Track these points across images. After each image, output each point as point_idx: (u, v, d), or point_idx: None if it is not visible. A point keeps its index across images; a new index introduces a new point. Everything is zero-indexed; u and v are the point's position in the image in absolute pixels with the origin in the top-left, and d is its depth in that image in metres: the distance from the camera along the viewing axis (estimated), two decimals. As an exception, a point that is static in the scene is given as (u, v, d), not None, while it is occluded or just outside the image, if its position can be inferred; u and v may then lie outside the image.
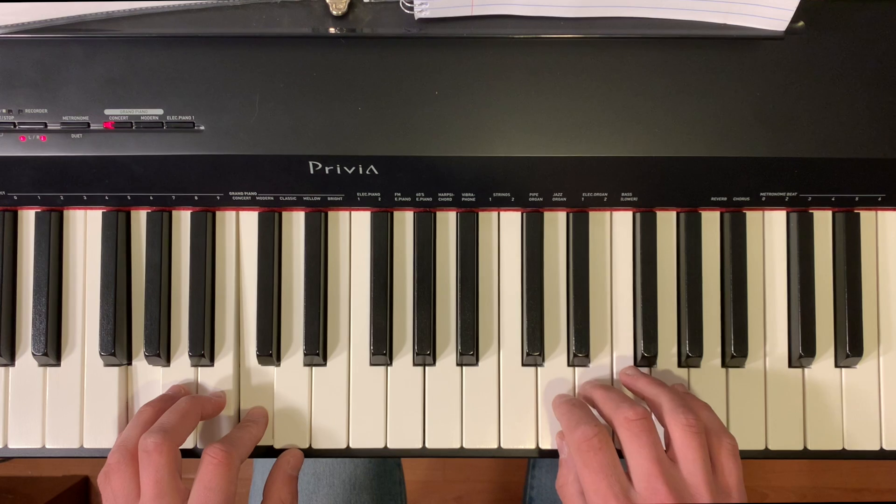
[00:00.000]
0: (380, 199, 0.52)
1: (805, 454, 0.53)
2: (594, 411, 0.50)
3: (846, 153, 0.48)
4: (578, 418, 0.47)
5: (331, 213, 0.54)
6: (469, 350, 0.52)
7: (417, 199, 0.52)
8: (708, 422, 0.48)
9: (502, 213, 0.54)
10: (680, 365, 0.54)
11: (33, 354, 0.53)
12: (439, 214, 0.54)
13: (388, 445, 0.53)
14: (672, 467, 0.44)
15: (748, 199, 0.52)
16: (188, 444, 0.53)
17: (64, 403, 0.53)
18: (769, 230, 0.54)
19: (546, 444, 0.53)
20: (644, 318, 0.53)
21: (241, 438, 0.49)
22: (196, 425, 0.51)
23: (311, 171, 0.49)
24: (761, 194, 0.51)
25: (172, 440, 0.46)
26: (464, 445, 0.53)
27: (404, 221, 0.54)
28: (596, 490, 0.44)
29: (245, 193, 0.51)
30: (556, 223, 0.54)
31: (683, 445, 0.45)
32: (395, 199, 0.52)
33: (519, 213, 0.54)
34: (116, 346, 0.52)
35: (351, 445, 0.53)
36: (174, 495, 0.45)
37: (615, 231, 0.54)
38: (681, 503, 0.42)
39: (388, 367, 0.54)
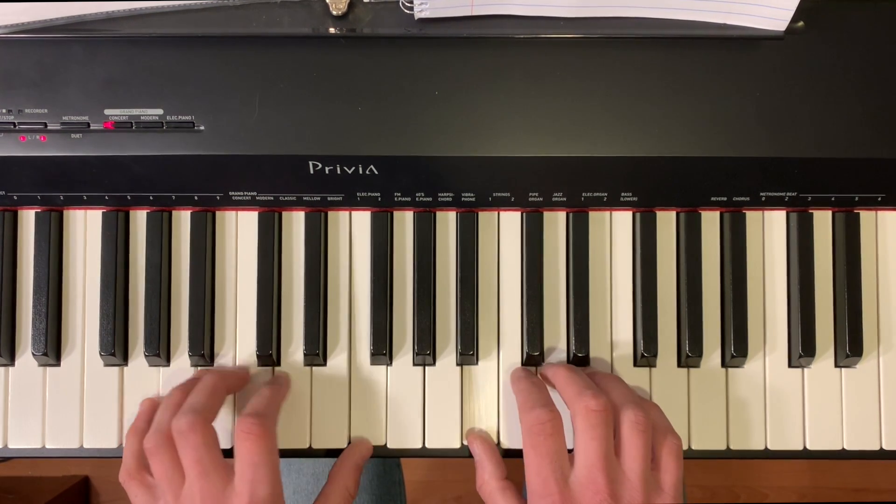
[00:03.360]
0: (380, 199, 0.52)
1: (805, 454, 0.53)
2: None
3: (846, 153, 0.48)
4: (536, 400, 0.48)
5: (331, 213, 0.54)
6: (469, 350, 0.52)
7: (417, 199, 0.52)
8: (655, 420, 0.49)
9: (502, 213, 0.54)
10: (680, 365, 0.54)
11: (33, 354, 0.53)
12: (439, 214, 0.54)
13: (389, 445, 0.53)
14: (615, 462, 0.46)
15: (748, 199, 0.52)
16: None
17: (64, 403, 0.53)
18: (769, 230, 0.54)
19: (546, 444, 0.53)
20: (644, 318, 0.53)
21: (268, 403, 0.48)
22: (224, 400, 0.50)
23: (311, 171, 0.49)
24: (761, 194, 0.51)
25: (205, 417, 0.46)
26: (464, 445, 0.53)
27: (404, 221, 0.54)
28: (538, 472, 0.46)
29: (245, 193, 0.51)
30: (556, 223, 0.54)
31: (628, 441, 0.46)
32: (395, 199, 0.52)
33: (519, 213, 0.54)
34: (116, 346, 0.52)
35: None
36: (218, 471, 0.45)
37: (615, 231, 0.54)
38: (614, 495, 0.44)
39: (388, 367, 0.54)
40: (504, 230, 0.54)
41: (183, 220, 0.54)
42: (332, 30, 0.49)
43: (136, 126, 0.48)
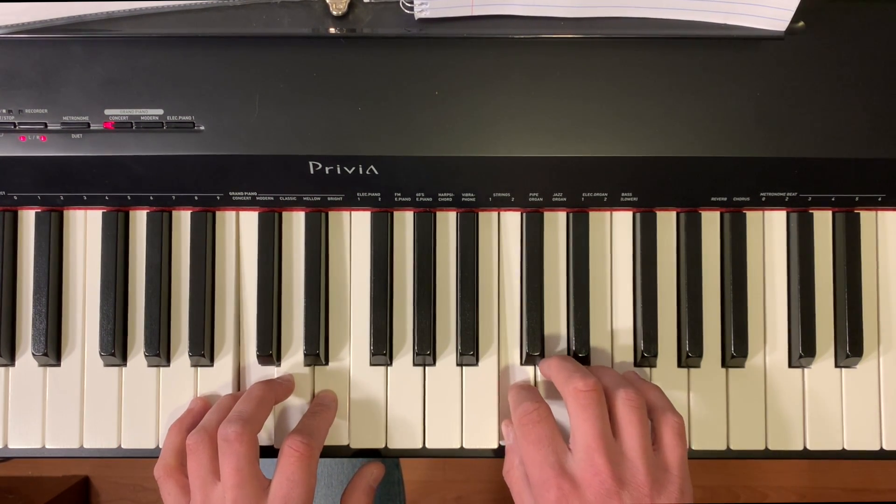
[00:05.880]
0: (380, 199, 0.52)
1: (805, 454, 0.53)
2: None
3: (846, 153, 0.48)
4: (522, 397, 0.49)
5: (331, 213, 0.54)
6: (469, 350, 0.52)
7: (417, 199, 0.52)
8: (655, 400, 0.49)
9: (502, 213, 0.54)
10: (680, 365, 0.54)
11: (33, 354, 0.53)
12: (439, 214, 0.54)
13: (389, 445, 0.53)
14: (613, 442, 0.45)
15: (748, 199, 0.52)
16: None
17: (64, 403, 0.53)
18: (769, 230, 0.54)
19: (546, 444, 0.53)
20: (644, 318, 0.53)
21: (319, 427, 0.49)
22: (271, 411, 0.51)
23: (311, 171, 0.49)
24: (761, 194, 0.51)
25: (252, 428, 0.47)
26: (464, 445, 0.53)
27: (404, 221, 0.54)
28: (532, 461, 0.45)
29: (245, 193, 0.51)
30: (556, 223, 0.54)
31: (623, 420, 0.46)
32: (395, 199, 0.52)
33: (519, 213, 0.54)
34: (116, 347, 0.52)
35: (351, 445, 0.53)
36: (254, 483, 0.46)
37: (615, 231, 0.54)
38: (616, 476, 0.43)
39: (388, 367, 0.54)
40: (504, 230, 0.54)
41: (183, 220, 0.54)
42: (332, 30, 0.49)
43: (136, 126, 0.48)
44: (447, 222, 0.54)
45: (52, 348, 0.53)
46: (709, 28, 0.49)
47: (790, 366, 0.54)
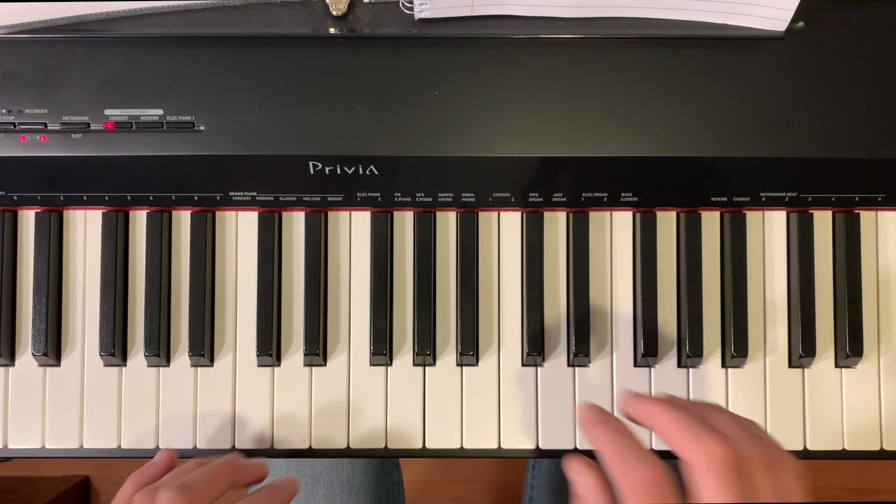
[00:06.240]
0: (380, 199, 0.52)
1: (805, 454, 0.53)
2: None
3: (846, 153, 0.48)
4: (633, 454, 0.38)
5: (331, 213, 0.54)
6: (469, 350, 0.52)
7: (417, 199, 0.52)
8: (769, 447, 0.38)
9: (502, 213, 0.54)
10: (680, 365, 0.54)
11: (33, 354, 0.53)
12: (439, 214, 0.54)
13: (389, 446, 0.53)
14: None
15: (748, 199, 0.52)
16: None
17: (64, 403, 0.53)
18: (769, 230, 0.54)
19: (546, 444, 0.53)
20: (644, 318, 0.53)
21: None
22: (224, 492, 0.47)
23: (311, 171, 0.49)
24: (761, 194, 0.51)
25: (187, 500, 0.43)
26: (464, 445, 0.53)
27: (404, 221, 0.54)
28: None
29: (245, 193, 0.51)
30: (556, 223, 0.54)
31: (765, 488, 0.36)
32: (395, 199, 0.52)
33: (519, 213, 0.54)
34: (116, 347, 0.52)
35: (351, 446, 0.53)
36: None
37: (615, 231, 0.54)
38: None
39: (388, 368, 0.54)
40: (504, 230, 0.54)
41: (183, 220, 0.54)
42: (332, 30, 0.49)
43: (136, 126, 0.48)
44: (447, 222, 0.54)
45: (51, 348, 0.53)
46: (708, 28, 0.49)
47: (790, 366, 0.54)
